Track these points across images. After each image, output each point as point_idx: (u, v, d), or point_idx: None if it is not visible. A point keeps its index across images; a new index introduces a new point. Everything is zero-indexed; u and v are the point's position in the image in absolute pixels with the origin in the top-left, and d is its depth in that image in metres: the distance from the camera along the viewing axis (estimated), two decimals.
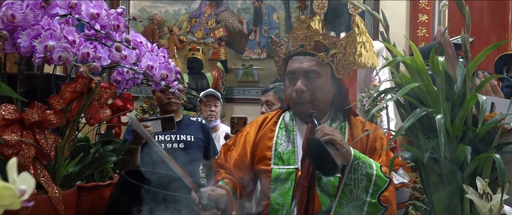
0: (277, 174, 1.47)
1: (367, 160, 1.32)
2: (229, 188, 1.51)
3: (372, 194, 1.29)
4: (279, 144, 1.52)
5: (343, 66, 1.45)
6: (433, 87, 0.84)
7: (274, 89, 2.52)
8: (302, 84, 1.44)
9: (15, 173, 0.38)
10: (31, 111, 1.16)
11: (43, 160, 1.20)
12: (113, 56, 1.28)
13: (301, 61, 1.47)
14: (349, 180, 1.30)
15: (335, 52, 1.44)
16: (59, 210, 1.19)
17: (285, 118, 1.58)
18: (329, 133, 1.28)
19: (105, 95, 1.30)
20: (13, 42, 1.10)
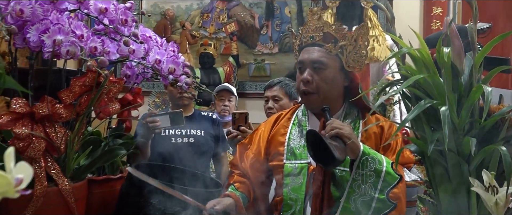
0: (290, 169, 1.47)
1: (377, 156, 1.31)
2: (238, 193, 1.52)
3: (381, 190, 1.28)
4: (291, 139, 1.52)
5: (353, 59, 1.44)
6: (439, 79, 0.83)
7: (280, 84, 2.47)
8: (308, 74, 1.45)
9: (12, 162, 0.39)
10: (41, 104, 1.18)
11: (53, 153, 1.22)
12: (122, 50, 1.30)
13: (310, 52, 1.47)
14: (358, 176, 1.30)
15: (344, 44, 1.43)
16: (69, 202, 1.22)
17: (298, 114, 1.59)
18: (337, 126, 1.28)
19: (114, 89, 1.32)
20: (23, 37, 1.12)
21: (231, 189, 1.55)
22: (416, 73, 0.85)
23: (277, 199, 1.49)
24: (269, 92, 2.45)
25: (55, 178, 1.20)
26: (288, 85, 2.45)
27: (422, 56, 0.86)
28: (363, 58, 1.44)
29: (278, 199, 1.48)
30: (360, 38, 1.41)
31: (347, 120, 1.49)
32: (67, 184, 1.21)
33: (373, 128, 1.45)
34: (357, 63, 1.44)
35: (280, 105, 2.39)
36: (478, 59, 0.84)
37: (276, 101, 2.41)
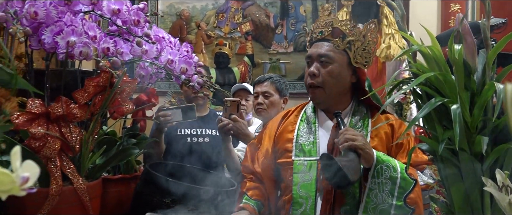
0: (299, 166, 1.46)
1: (391, 163, 1.30)
2: (252, 203, 1.51)
3: (398, 197, 1.27)
4: (300, 136, 1.51)
5: (361, 55, 1.43)
6: (450, 76, 0.82)
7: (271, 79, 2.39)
8: (315, 68, 1.45)
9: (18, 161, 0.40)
10: (56, 105, 1.20)
11: (68, 152, 1.24)
12: (135, 51, 1.31)
13: (318, 47, 1.48)
14: (373, 185, 1.29)
15: (353, 40, 1.43)
16: (84, 200, 1.23)
17: (307, 110, 1.57)
18: (350, 138, 1.27)
19: (127, 89, 1.33)
20: (38, 39, 1.14)
21: (245, 199, 1.53)
22: (427, 71, 0.84)
23: (285, 198, 1.48)
24: (259, 88, 2.38)
25: (70, 177, 1.22)
26: (279, 81, 2.39)
27: (433, 54, 0.84)
28: (371, 55, 1.42)
29: (287, 198, 1.46)
30: (369, 34, 1.40)
31: (355, 117, 1.48)
32: (82, 182, 1.23)
33: (384, 127, 1.44)
34: (365, 59, 1.43)
35: (270, 101, 2.34)
36: (491, 56, 0.83)
37: (266, 98, 2.35)
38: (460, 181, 0.85)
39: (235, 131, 1.80)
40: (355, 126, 1.46)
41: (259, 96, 2.35)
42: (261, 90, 2.36)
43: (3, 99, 0.89)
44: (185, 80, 1.42)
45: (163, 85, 4.18)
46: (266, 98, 2.34)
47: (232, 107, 1.82)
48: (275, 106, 2.35)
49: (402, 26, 0.92)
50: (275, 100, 2.35)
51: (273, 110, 2.34)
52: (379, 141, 1.41)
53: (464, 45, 0.84)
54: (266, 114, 2.33)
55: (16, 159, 0.40)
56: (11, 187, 0.39)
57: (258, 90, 2.37)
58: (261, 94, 2.35)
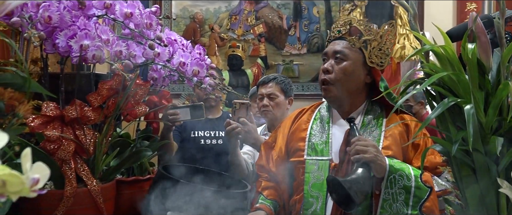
0: (311, 165, 1.45)
1: (404, 171, 1.28)
2: (268, 202, 1.51)
3: (413, 206, 1.26)
4: (313, 135, 1.50)
5: (376, 55, 1.43)
6: (464, 76, 0.81)
7: (276, 80, 2.34)
8: (329, 65, 1.45)
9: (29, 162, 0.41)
10: (71, 107, 1.22)
11: (82, 155, 1.26)
12: (147, 54, 1.32)
13: (334, 44, 1.48)
14: (387, 195, 1.28)
15: (369, 39, 1.42)
16: (98, 202, 1.25)
17: (321, 110, 1.56)
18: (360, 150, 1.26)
19: (140, 92, 1.35)
20: (52, 43, 1.16)
21: (261, 199, 1.53)
22: (440, 71, 0.83)
23: (297, 197, 1.47)
24: (264, 89, 2.34)
25: (85, 179, 1.24)
26: (283, 82, 2.35)
27: (446, 53, 0.83)
28: (387, 56, 1.41)
29: (298, 197, 1.46)
30: (386, 35, 1.39)
31: (368, 116, 1.46)
32: (96, 184, 1.25)
33: (399, 127, 1.42)
34: (380, 59, 1.42)
35: (275, 103, 2.29)
36: (506, 55, 0.81)
37: (272, 99, 2.30)
38: (475, 183, 0.83)
39: (243, 134, 1.76)
40: (368, 125, 1.44)
41: (264, 98, 2.31)
42: (265, 91, 2.32)
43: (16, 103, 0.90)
44: (197, 83, 1.43)
45: (177, 88, 4.21)
46: (271, 100, 2.30)
47: (241, 109, 1.78)
48: (281, 107, 2.32)
49: (415, 26, 0.91)
50: (280, 101, 2.32)
51: (279, 111, 2.32)
52: (393, 141, 1.39)
53: (477, 44, 0.83)
54: (272, 115, 2.31)
55: (26, 161, 0.41)
56: (20, 188, 0.39)
57: (263, 92, 2.33)
58: (266, 95, 2.31)
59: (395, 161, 1.31)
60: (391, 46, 1.38)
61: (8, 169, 0.38)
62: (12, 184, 0.38)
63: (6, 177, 0.38)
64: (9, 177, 0.38)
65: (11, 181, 0.38)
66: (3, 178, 0.38)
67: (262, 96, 2.33)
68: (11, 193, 0.39)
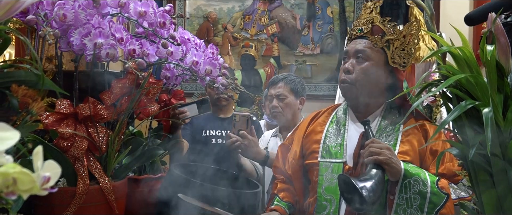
0: (324, 167, 1.44)
1: (420, 176, 1.25)
2: (283, 204, 1.51)
3: (428, 212, 1.23)
4: (328, 137, 1.49)
5: (399, 55, 1.40)
6: (482, 78, 0.79)
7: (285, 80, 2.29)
8: (350, 64, 1.42)
9: (40, 160, 0.41)
10: (84, 105, 1.23)
11: (95, 152, 1.26)
12: (160, 52, 1.32)
13: (356, 43, 1.46)
14: (402, 200, 1.25)
15: (392, 39, 1.39)
16: (110, 200, 1.25)
17: (338, 112, 1.55)
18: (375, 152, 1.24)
19: (152, 91, 1.35)
20: (67, 41, 1.16)
21: (277, 201, 1.53)
22: (457, 73, 0.81)
23: (311, 199, 1.46)
24: (273, 90, 2.29)
25: (97, 177, 1.24)
26: (294, 82, 2.30)
27: (464, 55, 0.81)
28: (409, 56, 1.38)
29: (312, 199, 1.45)
30: (410, 35, 1.36)
31: (385, 120, 1.44)
32: (108, 182, 1.25)
33: (417, 133, 1.39)
34: (403, 60, 1.39)
35: (285, 103, 2.25)
36: None
37: (281, 100, 2.26)
38: (492, 188, 0.81)
39: (243, 148, 1.73)
40: (384, 130, 1.42)
41: (274, 99, 2.27)
42: (275, 92, 2.27)
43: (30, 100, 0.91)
44: (210, 82, 1.42)
45: (190, 87, 4.22)
46: (281, 101, 2.25)
47: (241, 122, 1.75)
48: (291, 108, 2.27)
49: (432, 26, 0.89)
50: (291, 102, 2.26)
51: (289, 112, 2.26)
52: (411, 147, 1.37)
53: (497, 45, 0.81)
54: (282, 117, 2.26)
55: (37, 158, 0.41)
56: (31, 186, 0.39)
57: (272, 93, 2.28)
58: (276, 96, 2.26)
59: (410, 165, 1.29)
60: (414, 47, 1.35)
61: (19, 167, 0.38)
62: (23, 182, 0.38)
63: (17, 175, 0.38)
64: (20, 175, 0.38)
65: (22, 179, 0.38)
66: (14, 176, 0.38)
67: (272, 97, 2.29)
68: (22, 191, 0.39)
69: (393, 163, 1.23)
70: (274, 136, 2.40)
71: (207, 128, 2.44)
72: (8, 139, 0.37)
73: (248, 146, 1.72)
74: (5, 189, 0.37)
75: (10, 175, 0.37)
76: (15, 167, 0.38)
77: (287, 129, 2.32)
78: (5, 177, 0.37)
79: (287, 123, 2.31)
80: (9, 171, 0.37)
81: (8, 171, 0.37)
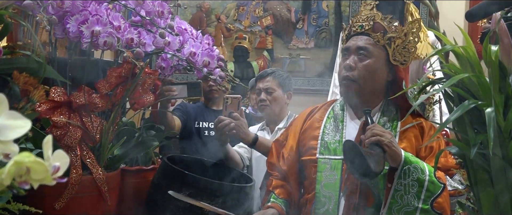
0: (323, 164, 1.45)
1: (419, 165, 1.28)
2: (280, 201, 1.51)
3: (424, 200, 1.26)
4: (326, 133, 1.49)
5: (400, 53, 1.41)
6: (484, 78, 0.80)
7: (273, 74, 2.34)
8: (352, 61, 1.43)
9: (50, 149, 0.41)
10: (78, 94, 1.22)
11: (88, 142, 1.26)
12: (157, 42, 1.32)
13: (357, 40, 1.46)
14: (399, 186, 1.27)
15: (393, 36, 1.41)
16: (103, 190, 1.25)
17: (335, 108, 1.56)
18: (378, 133, 1.26)
19: (148, 81, 1.35)
20: (63, 27, 1.15)
21: (273, 198, 1.53)
22: (460, 72, 0.82)
23: (308, 196, 1.47)
24: (261, 84, 2.34)
25: (90, 167, 1.24)
26: (281, 76, 2.35)
27: (467, 54, 0.82)
28: (410, 54, 1.40)
29: (309, 196, 1.46)
30: (411, 33, 1.38)
31: (384, 117, 1.46)
32: (101, 172, 1.25)
33: (413, 130, 1.41)
34: (404, 57, 1.41)
35: (273, 97, 2.30)
36: None
37: (269, 94, 2.30)
38: (490, 187, 0.83)
39: (237, 129, 1.74)
40: (383, 127, 1.44)
41: (262, 92, 2.32)
42: (263, 86, 2.32)
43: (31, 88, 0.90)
44: (207, 74, 1.42)
45: (181, 77, 4.21)
46: (269, 94, 2.30)
47: (232, 104, 1.75)
48: (279, 102, 2.32)
49: (434, 24, 0.90)
50: (278, 96, 2.32)
51: (277, 106, 2.32)
52: (408, 143, 1.39)
53: (500, 46, 0.82)
54: (269, 110, 2.31)
55: (48, 148, 0.41)
56: (44, 176, 0.39)
57: (260, 86, 2.33)
58: (263, 90, 2.32)
59: (410, 154, 1.31)
60: (415, 45, 1.37)
61: (33, 156, 0.38)
62: (36, 171, 0.38)
63: (31, 164, 0.38)
64: (34, 164, 0.38)
65: (35, 168, 0.38)
66: (28, 165, 0.38)
67: (260, 90, 2.34)
68: (34, 181, 0.39)
69: (394, 147, 1.26)
70: (261, 129, 2.42)
71: (200, 120, 2.44)
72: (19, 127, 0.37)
73: (240, 127, 1.74)
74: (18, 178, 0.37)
75: (25, 164, 0.37)
76: (30, 156, 0.38)
77: (274, 122, 2.36)
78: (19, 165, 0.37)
79: (274, 116, 2.35)
80: (24, 160, 0.37)
81: (23, 160, 0.37)
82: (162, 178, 1.51)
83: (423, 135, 1.42)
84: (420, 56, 3.13)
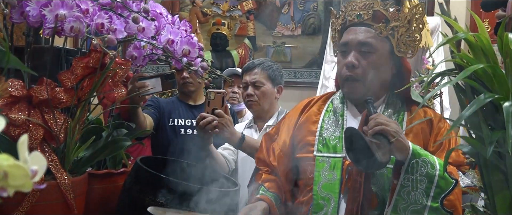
0: (321, 163, 1.45)
1: (429, 158, 1.29)
2: (270, 194, 1.52)
3: (434, 197, 1.26)
4: (324, 129, 1.50)
5: (405, 43, 1.42)
6: (500, 69, 0.82)
7: (262, 66, 2.32)
8: (354, 58, 1.43)
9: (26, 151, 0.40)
10: (39, 87, 1.19)
11: (51, 143, 1.24)
12: (130, 28, 1.30)
13: (356, 33, 1.46)
14: (406, 181, 1.28)
15: (397, 25, 1.41)
16: (68, 198, 1.23)
17: (334, 101, 1.56)
18: (382, 122, 1.26)
19: (120, 72, 1.33)
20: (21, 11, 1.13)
21: (262, 190, 1.54)
22: (473, 62, 0.84)
23: (304, 198, 1.48)
24: (248, 77, 2.33)
25: (53, 171, 1.22)
26: (271, 68, 2.34)
27: (481, 42, 0.84)
28: (416, 43, 1.41)
29: (306, 198, 1.47)
30: (414, 20, 1.39)
31: (388, 109, 1.47)
32: (66, 177, 1.23)
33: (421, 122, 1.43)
34: (409, 47, 1.42)
35: (261, 92, 2.29)
36: None
37: (257, 88, 2.30)
38: (506, 188, 0.85)
39: (220, 128, 1.74)
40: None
41: (249, 87, 2.31)
42: (250, 79, 2.31)
43: None
44: (187, 64, 1.41)
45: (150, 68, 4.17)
46: (257, 89, 2.29)
47: (216, 100, 1.75)
48: (268, 97, 2.32)
49: (446, 10, 0.92)
50: (268, 90, 2.31)
51: (266, 102, 2.31)
52: (415, 137, 1.41)
53: None
54: (258, 106, 2.30)
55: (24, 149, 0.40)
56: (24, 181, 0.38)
57: (247, 80, 2.32)
58: (251, 84, 2.30)
59: (418, 147, 1.32)
60: (419, 32, 1.38)
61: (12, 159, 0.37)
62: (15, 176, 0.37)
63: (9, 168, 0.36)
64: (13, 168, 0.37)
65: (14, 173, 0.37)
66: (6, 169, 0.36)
67: (247, 84, 2.32)
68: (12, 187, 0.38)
69: (401, 138, 1.26)
70: (247, 127, 2.42)
71: (174, 117, 2.42)
72: None
73: (224, 125, 1.74)
74: None
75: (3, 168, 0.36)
76: (8, 159, 0.36)
77: (262, 119, 2.35)
78: None
79: (263, 113, 2.35)
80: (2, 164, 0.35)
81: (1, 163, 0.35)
82: (135, 183, 1.49)
83: (432, 128, 1.43)
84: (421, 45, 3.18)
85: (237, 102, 3.14)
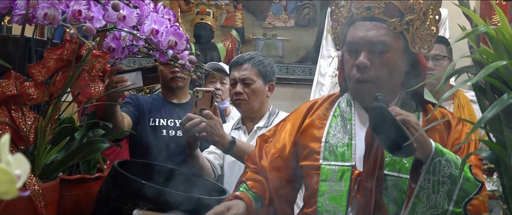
0: (328, 172, 1.45)
1: (452, 157, 1.28)
2: (250, 194, 1.53)
3: (457, 201, 1.26)
4: (331, 135, 1.50)
5: (421, 38, 1.41)
6: None
7: (252, 61, 2.30)
8: (365, 58, 1.41)
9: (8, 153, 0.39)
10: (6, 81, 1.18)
11: (19, 144, 1.23)
12: (109, 16, 1.29)
13: (367, 29, 1.44)
14: (427, 182, 1.27)
15: (412, 19, 1.40)
16: (38, 206, 1.23)
17: (341, 104, 1.56)
18: (401, 113, 1.25)
19: (97, 66, 1.32)
20: None
21: (243, 188, 1.55)
22: (494, 59, 0.84)
23: (308, 210, 1.48)
24: (237, 73, 2.31)
25: None
26: (262, 63, 2.33)
27: (503, 37, 0.84)
28: (432, 37, 1.40)
29: (310, 210, 1.47)
30: (430, 11, 1.38)
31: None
32: (36, 183, 1.22)
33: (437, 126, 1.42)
34: (425, 42, 1.41)
35: (251, 89, 2.28)
36: None
37: (247, 85, 2.28)
38: None
39: (208, 131, 1.73)
40: None
41: (237, 84, 2.29)
42: (239, 75, 2.30)
43: None
44: (172, 57, 1.40)
45: (130, 61, 4.14)
46: (247, 86, 2.28)
47: (204, 100, 1.74)
48: (259, 95, 2.31)
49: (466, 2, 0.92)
50: (258, 87, 2.30)
51: (256, 101, 2.30)
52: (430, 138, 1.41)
53: None
54: (247, 106, 2.29)
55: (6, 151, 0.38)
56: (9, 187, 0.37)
57: (236, 76, 2.31)
58: (240, 81, 2.29)
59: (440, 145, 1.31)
60: (436, 24, 1.37)
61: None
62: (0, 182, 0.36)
63: None
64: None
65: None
66: None
67: (235, 81, 2.31)
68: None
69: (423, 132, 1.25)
70: (235, 128, 2.41)
71: (155, 116, 2.41)
72: None
73: (213, 128, 1.73)
74: None
75: None
76: None
77: (252, 120, 2.35)
78: None
79: (252, 113, 2.34)
80: None
81: None
82: (112, 190, 1.48)
83: (450, 130, 1.43)
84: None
85: (221, 100, 3.13)
